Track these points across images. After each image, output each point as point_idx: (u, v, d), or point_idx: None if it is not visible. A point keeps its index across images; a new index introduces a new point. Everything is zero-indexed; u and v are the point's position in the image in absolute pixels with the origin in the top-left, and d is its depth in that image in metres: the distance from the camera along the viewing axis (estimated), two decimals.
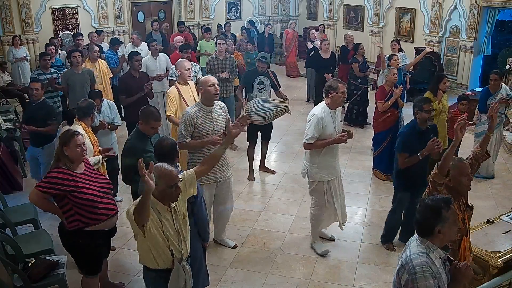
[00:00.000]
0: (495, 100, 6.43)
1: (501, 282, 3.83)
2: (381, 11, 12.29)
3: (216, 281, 4.54)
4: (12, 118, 8.10)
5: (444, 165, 3.42)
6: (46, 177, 3.68)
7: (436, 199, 2.69)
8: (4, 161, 6.37)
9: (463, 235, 3.52)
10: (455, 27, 10.55)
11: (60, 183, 3.61)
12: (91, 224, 3.71)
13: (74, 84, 6.94)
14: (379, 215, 5.80)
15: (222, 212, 5.02)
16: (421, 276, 2.53)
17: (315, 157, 4.79)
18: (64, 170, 3.67)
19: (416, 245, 2.67)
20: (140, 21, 13.68)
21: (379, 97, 6.60)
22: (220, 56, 7.59)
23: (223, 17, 14.53)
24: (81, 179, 3.70)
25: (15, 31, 11.22)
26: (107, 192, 3.89)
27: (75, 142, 3.70)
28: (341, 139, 4.65)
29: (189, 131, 4.58)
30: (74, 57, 7.00)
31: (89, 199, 3.67)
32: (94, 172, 3.95)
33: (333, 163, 4.86)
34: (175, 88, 5.91)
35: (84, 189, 3.68)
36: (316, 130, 4.62)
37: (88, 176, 3.79)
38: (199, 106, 4.66)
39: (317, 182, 4.85)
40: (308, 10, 15.58)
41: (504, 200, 6.11)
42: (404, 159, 4.59)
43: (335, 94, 4.64)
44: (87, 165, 3.91)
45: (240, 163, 7.30)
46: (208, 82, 4.63)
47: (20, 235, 4.64)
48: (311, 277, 4.67)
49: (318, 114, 4.63)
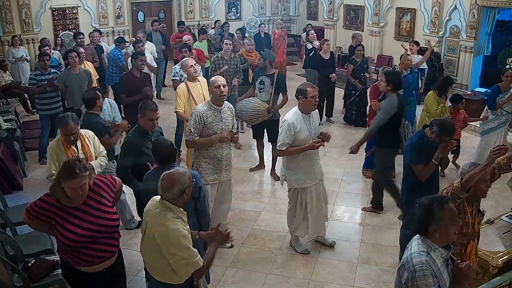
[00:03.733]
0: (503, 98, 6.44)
1: (501, 282, 3.82)
2: (381, 11, 12.28)
3: (216, 281, 4.54)
4: (12, 118, 8.11)
5: (469, 182, 3.34)
6: (36, 201, 3.15)
7: (431, 198, 2.70)
8: (4, 161, 6.37)
9: (471, 239, 3.51)
10: (455, 27, 10.54)
11: (45, 213, 3.09)
12: (75, 265, 3.19)
13: (71, 85, 6.90)
14: (379, 215, 5.80)
15: (220, 212, 5.02)
16: (421, 274, 2.54)
17: (291, 163, 4.72)
18: (51, 201, 3.09)
19: (417, 244, 2.68)
20: (140, 21, 13.69)
21: (372, 96, 6.59)
22: (225, 56, 7.59)
23: (223, 17, 14.54)
24: (70, 214, 3.08)
25: (15, 31, 11.25)
26: (108, 232, 3.20)
27: (74, 184, 2.99)
28: (314, 145, 4.56)
29: (198, 129, 4.59)
30: (71, 57, 6.97)
31: (73, 240, 3.06)
32: (98, 207, 3.17)
33: (311, 169, 4.75)
34: (185, 85, 6.06)
35: (72, 226, 3.05)
36: (287, 136, 4.53)
37: (84, 211, 3.11)
38: (209, 105, 4.69)
39: (293, 188, 4.82)
40: (308, 10, 15.58)
41: (504, 200, 6.11)
42: (422, 170, 4.22)
43: (304, 99, 4.55)
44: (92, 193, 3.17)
45: (241, 163, 7.30)
46: (214, 83, 4.69)
47: (20, 235, 4.63)
48: (311, 277, 4.66)
49: (289, 119, 4.55)
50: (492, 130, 6.65)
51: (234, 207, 5.77)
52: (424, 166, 4.21)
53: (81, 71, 7.13)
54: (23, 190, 6.47)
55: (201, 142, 4.64)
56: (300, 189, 4.79)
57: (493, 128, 6.65)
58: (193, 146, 4.77)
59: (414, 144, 4.33)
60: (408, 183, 4.43)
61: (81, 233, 3.05)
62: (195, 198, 3.59)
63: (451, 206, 2.70)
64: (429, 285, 2.53)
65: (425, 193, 4.36)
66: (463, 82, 10.49)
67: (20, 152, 7.06)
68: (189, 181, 3.02)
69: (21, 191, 6.43)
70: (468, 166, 3.56)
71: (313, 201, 4.85)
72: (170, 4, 14.15)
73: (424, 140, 4.28)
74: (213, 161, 4.74)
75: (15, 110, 8.91)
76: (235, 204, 5.90)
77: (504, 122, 6.61)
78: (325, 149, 4.84)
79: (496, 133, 6.65)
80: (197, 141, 4.61)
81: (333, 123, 9.16)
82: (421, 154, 4.23)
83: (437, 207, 2.62)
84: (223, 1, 14.71)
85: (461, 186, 3.37)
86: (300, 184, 4.75)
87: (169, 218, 2.93)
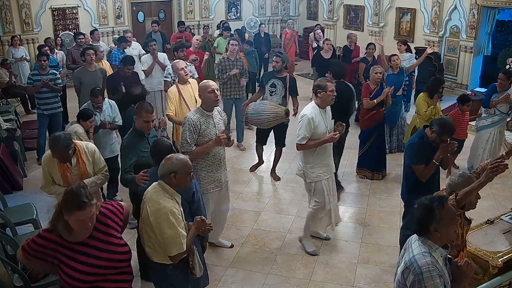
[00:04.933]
0: (498, 98, 6.47)
1: (501, 282, 3.83)
2: (381, 11, 12.29)
3: (216, 281, 4.54)
4: (12, 118, 8.11)
5: (464, 199, 3.32)
6: (34, 239, 2.72)
7: (430, 198, 2.71)
8: (4, 161, 6.37)
9: (460, 250, 3.52)
10: (455, 27, 10.55)
11: (45, 252, 2.68)
12: None
13: (86, 82, 6.92)
14: (379, 215, 5.80)
15: (219, 214, 4.99)
16: (428, 276, 2.53)
17: (308, 157, 4.80)
18: (52, 237, 2.67)
19: (418, 245, 2.67)
20: (140, 21, 13.69)
21: (364, 94, 6.61)
22: (231, 57, 7.55)
23: (223, 17, 14.53)
24: (75, 251, 2.67)
25: (15, 31, 11.25)
26: (119, 267, 2.81)
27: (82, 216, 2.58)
28: (333, 137, 4.65)
29: (194, 138, 4.42)
30: (88, 54, 7.02)
31: (81, 280, 2.66)
32: (106, 239, 2.75)
33: (327, 162, 4.87)
34: (175, 88, 5.94)
35: (79, 264, 2.66)
36: (307, 131, 4.62)
37: (91, 246, 2.70)
38: (201, 112, 4.51)
39: (316, 182, 4.84)
40: (308, 10, 15.58)
41: (504, 200, 6.11)
42: (423, 171, 4.23)
43: (324, 93, 4.65)
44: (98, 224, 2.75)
45: (240, 163, 7.30)
46: (207, 88, 4.47)
47: (20, 235, 4.63)
48: (311, 277, 4.66)
49: (309, 114, 4.64)
50: (485, 128, 6.72)
51: (234, 207, 5.77)
52: (424, 166, 4.21)
53: (97, 69, 7.18)
54: (23, 190, 6.47)
55: (199, 151, 4.47)
56: (323, 181, 4.85)
57: (487, 126, 6.71)
58: (192, 158, 4.63)
59: (415, 144, 4.33)
60: (408, 184, 4.43)
61: (89, 271, 2.67)
62: (189, 201, 3.59)
63: (450, 205, 2.71)
64: (437, 286, 2.52)
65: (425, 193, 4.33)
66: (463, 82, 10.49)
67: (20, 152, 7.06)
68: (182, 167, 3.18)
69: (21, 191, 6.43)
70: (457, 178, 3.55)
71: (331, 190, 4.95)
72: (170, 4, 14.14)
73: (425, 141, 4.27)
74: (213, 164, 4.63)
75: (15, 110, 8.91)
76: (235, 204, 5.90)
77: (497, 121, 6.66)
78: None
79: (489, 131, 6.70)
80: (194, 151, 4.44)
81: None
82: (422, 154, 4.23)
83: (438, 207, 2.62)
84: (223, 1, 14.71)
85: (456, 203, 3.33)
86: (320, 176, 4.83)
87: (162, 197, 3.14)
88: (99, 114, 5.72)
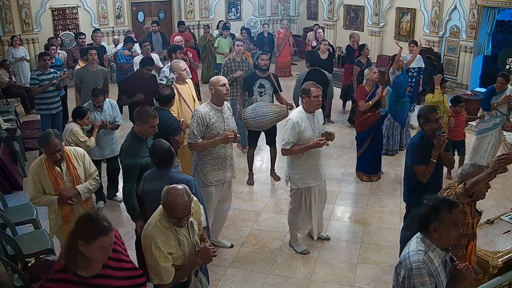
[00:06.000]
0: (498, 100, 6.46)
1: (501, 282, 3.83)
2: (381, 11, 12.29)
3: (216, 281, 4.54)
4: (12, 118, 8.11)
5: (473, 188, 3.34)
6: (43, 285, 2.42)
7: (441, 199, 2.72)
8: (4, 161, 6.38)
9: (471, 239, 3.52)
10: (455, 27, 10.55)
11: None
12: None
13: (87, 82, 6.93)
14: (379, 215, 5.81)
15: (220, 212, 5.00)
16: (417, 273, 2.55)
17: (295, 163, 4.71)
18: (66, 276, 2.39)
19: (416, 242, 2.69)
20: (140, 21, 13.69)
21: (359, 96, 6.57)
22: (237, 58, 7.53)
23: (223, 17, 14.54)
24: (93, 286, 2.44)
25: (15, 31, 11.25)
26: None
27: (107, 241, 2.37)
28: (319, 143, 4.54)
29: (201, 131, 4.51)
30: (91, 54, 7.04)
31: None
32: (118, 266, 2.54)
33: (315, 169, 4.77)
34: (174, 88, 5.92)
35: None
36: (291, 135, 4.54)
37: (107, 276, 2.48)
38: (211, 106, 4.60)
39: (297, 188, 4.81)
40: (308, 10, 15.58)
41: (504, 200, 6.11)
42: (423, 171, 4.21)
43: (308, 98, 4.57)
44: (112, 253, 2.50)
45: (240, 163, 7.30)
46: (219, 82, 4.59)
47: (20, 235, 4.63)
48: (311, 277, 4.66)
49: (294, 118, 4.57)
50: (487, 130, 6.69)
51: (234, 207, 5.76)
52: (425, 166, 4.21)
53: (98, 69, 7.19)
54: (23, 190, 6.46)
55: (204, 144, 4.54)
56: (304, 189, 4.80)
57: (488, 129, 6.68)
58: (196, 149, 4.66)
59: (415, 145, 4.33)
60: (409, 184, 4.42)
61: None
62: None
63: (458, 212, 2.69)
64: (425, 284, 2.54)
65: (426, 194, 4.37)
66: (463, 82, 10.50)
67: (20, 152, 7.06)
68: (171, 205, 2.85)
69: (21, 191, 6.42)
70: (468, 167, 3.56)
71: (316, 201, 4.88)
72: (170, 4, 14.14)
73: (425, 140, 4.27)
74: (217, 161, 4.68)
75: (15, 110, 8.91)
76: (235, 204, 5.90)
77: (499, 123, 6.64)
78: (325, 149, 4.83)
79: (491, 133, 6.68)
80: (200, 143, 4.53)
81: (333, 123, 9.15)
82: (422, 154, 4.22)
83: (444, 209, 2.62)
84: (223, 1, 14.71)
85: (465, 192, 3.35)
86: (305, 183, 4.76)
87: (157, 224, 2.93)
88: (100, 114, 5.72)
